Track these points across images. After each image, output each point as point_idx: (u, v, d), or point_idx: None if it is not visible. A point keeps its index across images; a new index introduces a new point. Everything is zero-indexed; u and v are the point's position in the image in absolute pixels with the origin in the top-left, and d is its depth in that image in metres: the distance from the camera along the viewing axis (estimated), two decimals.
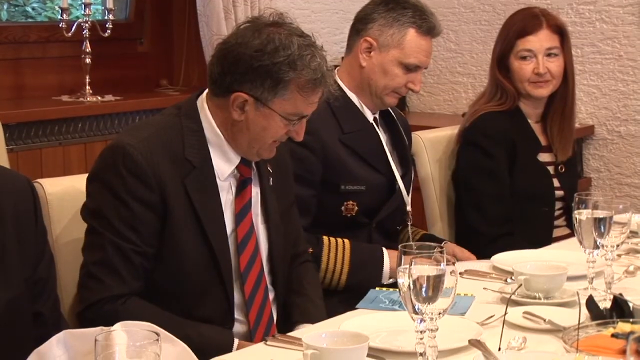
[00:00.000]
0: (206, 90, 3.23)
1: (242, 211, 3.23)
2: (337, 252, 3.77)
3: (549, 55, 4.30)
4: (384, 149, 3.95)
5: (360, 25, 3.99)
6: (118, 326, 2.30)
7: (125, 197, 3.00)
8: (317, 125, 3.74)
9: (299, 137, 3.21)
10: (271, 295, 3.31)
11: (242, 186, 3.24)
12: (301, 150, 3.74)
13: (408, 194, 4.01)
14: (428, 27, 3.92)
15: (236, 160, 3.19)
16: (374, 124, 3.99)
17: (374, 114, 4.00)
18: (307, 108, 3.15)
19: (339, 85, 3.91)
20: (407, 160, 4.07)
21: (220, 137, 3.16)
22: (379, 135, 3.98)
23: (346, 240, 3.80)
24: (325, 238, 3.78)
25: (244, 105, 3.09)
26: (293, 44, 3.07)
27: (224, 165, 3.18)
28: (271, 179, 3.35)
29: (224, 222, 3.17)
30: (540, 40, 4.29)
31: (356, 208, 3.85)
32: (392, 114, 4.13)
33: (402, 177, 4.00)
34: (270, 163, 3.33)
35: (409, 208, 4.01)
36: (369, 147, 3.92)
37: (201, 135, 3.16)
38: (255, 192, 3.30)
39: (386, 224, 3.92)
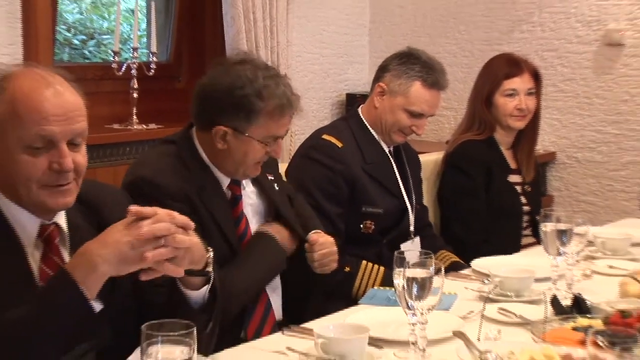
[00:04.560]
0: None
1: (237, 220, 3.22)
2: (370, 276, 3.76)
3: (528, 94, 4.32)
4: (397, 178, 3.95)
5: (379, 73, 4.03)
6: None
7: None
8: (348, 157, 3.82)
9: (278, 155, 3.23)
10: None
11: (234, 203, 3.21)
12: (335, 177, 3.79)
13: (414, 221, 4.02)
14: (433, 81, 3.92)
15: (226, 182, 3.17)
16: (389, 155, 3.98)
17: (389, 147, 4.00)
18: (280, 130, 3.12)
19: (363, 120, 3.97)
20: (411, 189, 4.05)
21: (209, 165, 3.15)
22: (393, 166, 3.97)
23: (381, 268, 3.78)
24: (364, 262, 3.78)
25: (225, 135, 3.06)
26: (258, 78, 3.05)
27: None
28: (275, 185, 3.36)
29: (237, 226, 3.19)
30: (524, 82, 4.33)
31: (373, 227, 3.85)
32: (402, 151, 4.11)
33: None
34: (268, 172, 3.34)
35: (412, 229, 4.00)
36: (386, 175, 3.94)
37: (201, 161, 3.14)
38: (262, 200, 3.32)
39: (394, 241, 3.88)
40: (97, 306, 2.12)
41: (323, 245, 3.30)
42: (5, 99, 2.26)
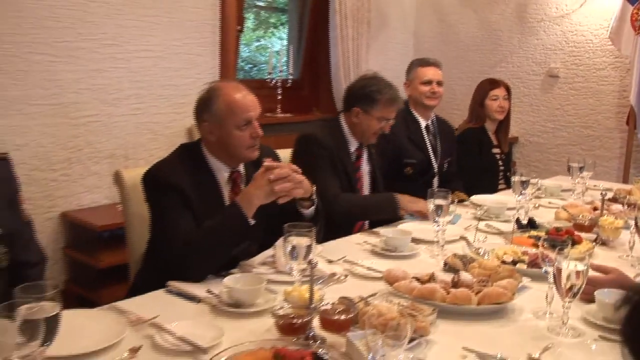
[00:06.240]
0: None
1: (356, 169, 3.17)
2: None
3: (504, 99, 4.22)
4: (426, 142, 3.83)
5: (406, 77, 3.94)
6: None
7: (322, 155, 2.96)
8: (395, 132, 3.64)
9: (387, 130, 3.13)
10: None
11: (356, 158, 3.17)
12: (386, 144, 3.61)
13: (437, 169, 3.85)
14: (427, 62, 3.87)
15: (354, 146, 3.13)
16: (424, 130, 3.85)
17: (425, 121, 3.86)
18: (390, 114, 3.08)
19: (409, 107, 3.85)
20: (437, 149, 3.86)
21: (347, 134, 3.12)
22: (424, 135, 3.84)
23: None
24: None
25: (358, 114, 3.05)
26: (379, 82, 3.06)
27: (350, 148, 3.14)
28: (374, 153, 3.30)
29: (355, 173, 3.15)
30: (501, 91, 4.22)
31: (411, 171, 3.77)
32: (435, 125, 3.91)
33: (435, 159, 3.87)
34: (374, 150, 3.26)
35: (435, 171, 3.84)
36: (420, 141, 3.81)
37: (342, 131, 3.11)
38: (367, 165, 3.22)
39: (426, 181, 3.78)
40: (252, 221, 2.14)
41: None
42: (221, 100, 2.29)
